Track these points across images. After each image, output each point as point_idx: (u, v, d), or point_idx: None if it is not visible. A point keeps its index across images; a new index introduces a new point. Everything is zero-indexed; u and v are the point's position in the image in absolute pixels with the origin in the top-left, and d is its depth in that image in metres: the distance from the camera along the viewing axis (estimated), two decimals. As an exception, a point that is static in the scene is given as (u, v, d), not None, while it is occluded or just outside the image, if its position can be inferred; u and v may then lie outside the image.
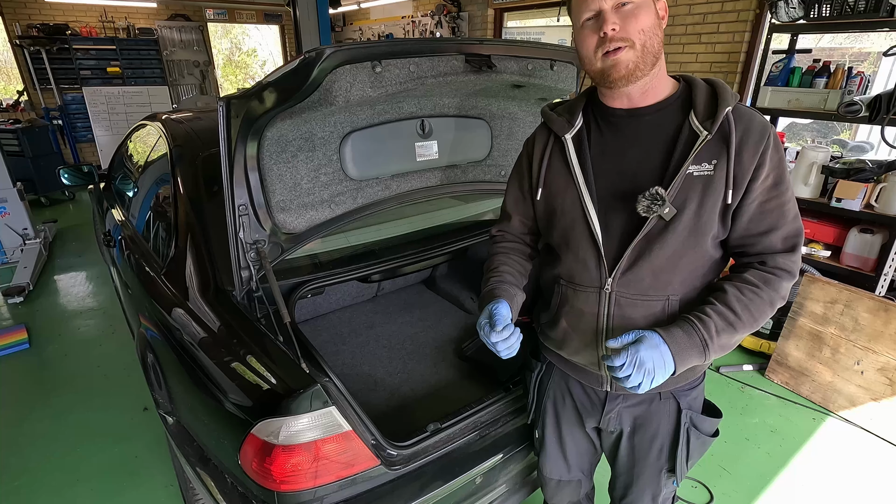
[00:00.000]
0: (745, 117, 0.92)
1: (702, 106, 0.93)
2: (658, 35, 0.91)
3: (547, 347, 1.22)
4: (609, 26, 0.88)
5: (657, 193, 0.90)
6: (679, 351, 0.91)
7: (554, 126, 1.07)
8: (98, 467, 2.13)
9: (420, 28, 7.03)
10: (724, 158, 0.91)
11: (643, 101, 0.97)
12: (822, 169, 2.81)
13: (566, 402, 1.22)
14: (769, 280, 0.95)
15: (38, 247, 4.22)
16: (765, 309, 0.95)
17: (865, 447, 2.29)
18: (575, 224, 1.03)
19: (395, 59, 1.26)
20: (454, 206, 2.28)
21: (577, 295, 1.07)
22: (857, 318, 2.43)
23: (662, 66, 0.96)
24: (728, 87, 0.94)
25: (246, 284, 1.34)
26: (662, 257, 0.96)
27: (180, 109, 2.39)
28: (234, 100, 1.13)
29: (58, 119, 7.05)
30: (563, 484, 1.33)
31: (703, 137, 0.91)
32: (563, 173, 1.05)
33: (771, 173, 0.92)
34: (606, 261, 1.00)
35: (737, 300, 0.94)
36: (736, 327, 0.93)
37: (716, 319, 0.92)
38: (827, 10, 2.84)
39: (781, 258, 0.95)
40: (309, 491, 1.06)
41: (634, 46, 0.89)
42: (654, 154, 0.97)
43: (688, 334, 0.92)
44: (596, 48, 0.91)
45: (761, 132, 0.91)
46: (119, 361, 2.87)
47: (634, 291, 1.00)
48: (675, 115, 0.96)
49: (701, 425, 1.13)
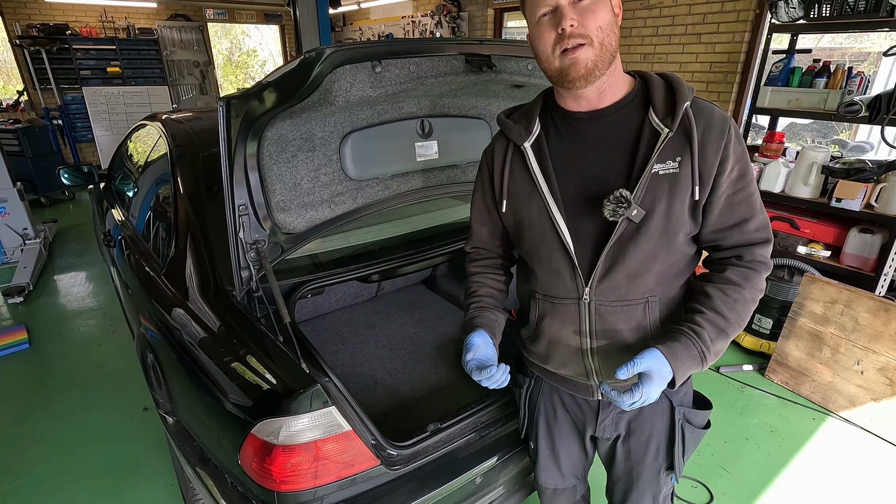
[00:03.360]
0: (704, 111, 0.91)
1: (660, 102, 0.91)
2: (615, 32, 0.89)
3: (532, 362, 1.20)
4: (567, 22, 0.85)
5: (622, 196, 0.89)
6: (679, 366, 0.90)
7: (511, 134, 1.03)
8: (98, 467, 2.13)
9: (420, 28, 7.03)
10: (687, 155, 0.90)
11: (601, 103, 0.95)
12: (822, 169, 2.81)
13: (558, 415, 1.21)
14: (748, 276, 0.95)
15: (38, 247, 4.22)
16: (749, 307, 0.95)
17: (865, 447, 2.29)
18: (544, 234, 1.01)
19: (395, 59, 1.26)
20: (454, 206, 2.28)
21: (555, 308, 1.05)
22: (857, 318, 2.43)
23: (618, 65, 0.94)
24: (683, 81, 0.93)
25: (246, 284, 1.34)
26: (637, 260, 0.95)
27: (180, 109, 2.39)
28: (234, 100, 1.13)
29: (58, 119, 7.05)
30: (559, 492, 1.33)
31: (665, 135, 0.89)
32: (526, 182, 1.02)
33: (736, 165, 0.91)
34: (581, 270, 0.98)
35: (723, 303, 0.93)
36: (727, 332, 0.94)
37: (708, 329, 0.92)
38: (827, 10, 2.83)
39: (758, 249, 0.96)
40: (309, 491, 1.06)
41: (593, 44, 0.86)
42: (617, 155, 0.95)
43: (686, 347, 0.91)
44: (554, 45, 0.89)
45: (722, 125, 0.90)
46: (119, 361, 2.87)
47: (613, 298, 0.98)
48: (634, 114, 0.94)
49: (694, 419, 1.14)
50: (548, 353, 1.11)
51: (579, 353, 1.05)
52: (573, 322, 1.03)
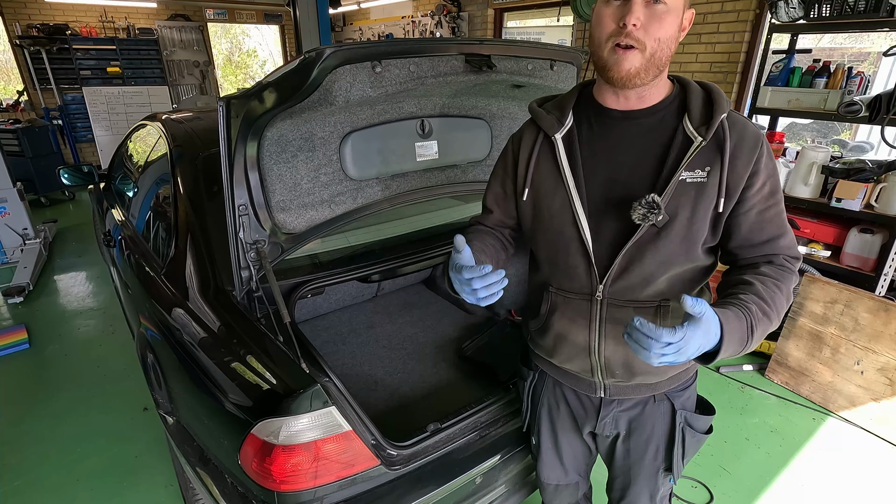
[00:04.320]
0: (738, 125, 0.91)
1: (697, 111, 0.91)
2: (671, 48, 0.88)
3: (538, 355, 1.20)
4: (633, 19, 0.82)
5: (654, 201, 0.87)
6: (729, 333, 0.79)
7: (543, 124, 1.03)
8: (98, 467, 2.13)
9: (420, 28, 7.03)
10: (717, 166, 0.90)
11: (639, 104, 0.95)
12: (822, 169, 2.81)
13: (560, 409, 1.22)
14: (783, 275, 0.93)
15: (37, 247, 4.22)
16: (783, 305, 0.91)
17: (865, 447, 2.29)
18: (564, 229, 1.00)
19: (395, 59, 1.26)
20: (454, 206, 2.28)
21: (567, 302, 1.05)
22: (857, 318, 2.43)
23: (664, 75, 0.93)
24: (723, 93, 0.93)
25: (246, 284, 1.34)
26: (654, 263, 0.94)
27: (180, 109, 2.39)
28: (234, 100, 1.13)
29: (58, 119, 7.05)
30: (561, 488, 1.33)
31: (698, 144, 0.89)
32: (552, 174, 1.02)
33: (767, 181, 0.91)
34: (597, 267, 0.98)
35: (764, 290, 0.89)
36: (770, 318, 0.87)
37: (755, 308, 0.86)
38: (827, 10, 2.84)
39: (786, 260, 0.95)
40: (309, 491, 1.06)
41: (644, 52, 0.85)
42: (646, 159, 0.94)
43: (737, 317, 0.82)
44: (610, 35, 0.86)
45: (755, 141, 0.90)
46: (119, 361, 2.87)
47: (626, 298, 0.98)
48: (669, 119, 0.94)
49: (695, 424, 1.13)
50: (555, 347, 1.11)
51: (586, 349, 1.05)
52: (583, 318, 1.03)
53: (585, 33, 4.85)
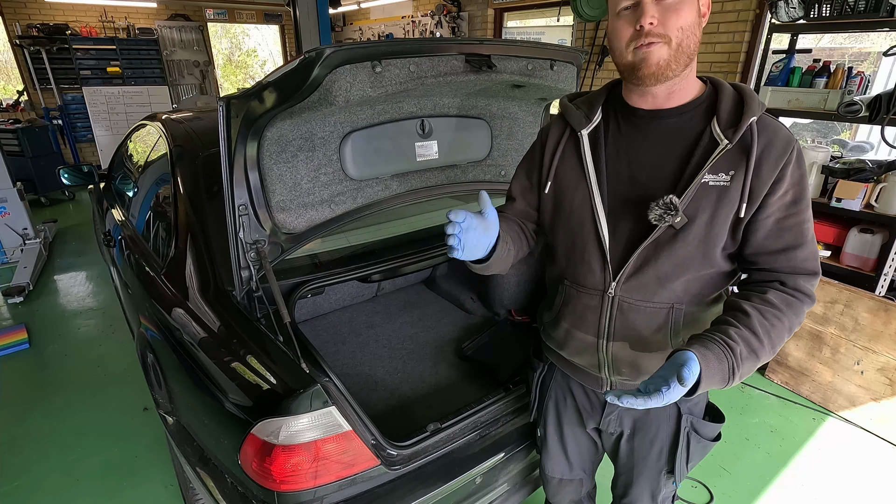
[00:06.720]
0: (769, 129, 0.88)
1: (726, 113, 0.89)
2: (696, 35, 0.86)
3: (549, 347, 1.21)
4: (647, 19, 0.82)
5: (671, 203, 0.87)
6: (707, 377, 0.80)
7: (571, 119, 1.03)
8: (98, 467, 2.13)
9: (420, 28, 7.02)
10: (742, 170, 0.87)
11: (667, 103, 0.93)
12: (822, 169, 2.80)
13: (567, 402, 1.22)
14: (791, 303, 0.89)
15: (37, 247, 4.22)
16: (783, 336, 0.88)
17: (865, 447, 2.29)
18: (583, 225, 1.01)
19: (395, 58, 1.26)
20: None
21: (580, 296, 1.06)
22: (857, 318, 2.43)
23: (693, 68, 0.91)
24: (756, 96, 0.90)
25: (246, 284, 1.34)
26: (669, 265, 0.94)
27: (180, 109, 2.39)
28: (234, 100, 1.13)
29: (58, 119, 7.05)
30: (565, 483, 1.34)
31: (723, 146, 0.87)
32: (575, 170, 1.02)
33: (791, 189, 0.88)
34: (612, 264, 0.98)
35: (760, 325, 0.85)
36: (759, 355, 0.85)
37: (742, 347, 0.83)
38: (827, 10, 2.83)
39: (803, 280, 0.90)
40: (309, 491, 1.06)
41: (670, 43, 0.83)
42: (669, 159, 0.93)
43: (718, 360, 0.81)
44: (629, 41, 0.86)
45: (784, 146, 0.87)
46: (119, 361, 2.87)
47: (639, 297, 0.98)
48: (697, 120, 0.92)
49: (702, 430, 1.12)
50: (565, 340, 1.12)
51: (595, 344, 1.06)
52: (595, 313, 1.03)
53: (585, 33, 4.84)
